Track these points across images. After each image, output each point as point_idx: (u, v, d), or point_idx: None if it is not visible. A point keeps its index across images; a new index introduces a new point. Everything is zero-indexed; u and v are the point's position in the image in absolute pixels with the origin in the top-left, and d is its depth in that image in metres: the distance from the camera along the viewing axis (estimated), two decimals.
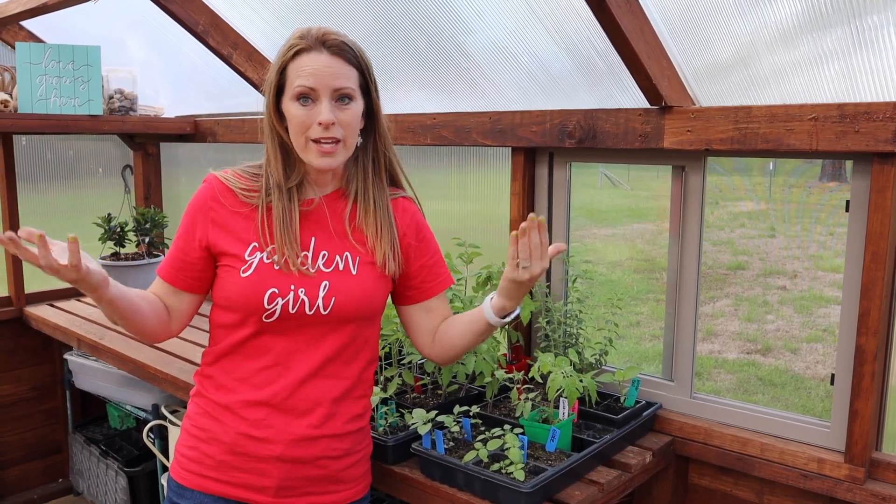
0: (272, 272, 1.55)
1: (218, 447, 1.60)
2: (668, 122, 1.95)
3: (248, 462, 1.59)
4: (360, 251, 1.62)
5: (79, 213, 3.88)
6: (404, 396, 2.18)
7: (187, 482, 1.62)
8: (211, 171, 1.65)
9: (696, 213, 2.07)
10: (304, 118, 1.51)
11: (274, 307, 1.54)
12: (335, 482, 1.64)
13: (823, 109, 1.70)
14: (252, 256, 1.56)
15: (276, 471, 1.58)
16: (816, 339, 6.41)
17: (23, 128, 3.04)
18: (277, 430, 1.58)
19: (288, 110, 1.54)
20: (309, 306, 1.55)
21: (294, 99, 1.52)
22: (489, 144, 2.35)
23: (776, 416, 1.98)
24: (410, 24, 2.39)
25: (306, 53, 1.51)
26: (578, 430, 1.97)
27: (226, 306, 1.59)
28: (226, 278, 1.58)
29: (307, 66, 1.50)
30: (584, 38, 2.06)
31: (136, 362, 2.75)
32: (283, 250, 1.55)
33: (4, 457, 3.54)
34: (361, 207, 1.64)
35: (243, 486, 1.59)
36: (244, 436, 1.58)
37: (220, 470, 1.60)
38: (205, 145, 3.70)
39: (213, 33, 2.78)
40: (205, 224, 1.59)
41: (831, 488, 1.82)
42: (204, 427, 1.62)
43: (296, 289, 1.55)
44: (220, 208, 1.59)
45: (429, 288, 1.72)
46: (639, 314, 7.09)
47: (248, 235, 1.58)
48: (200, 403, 1.65)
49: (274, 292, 1.54)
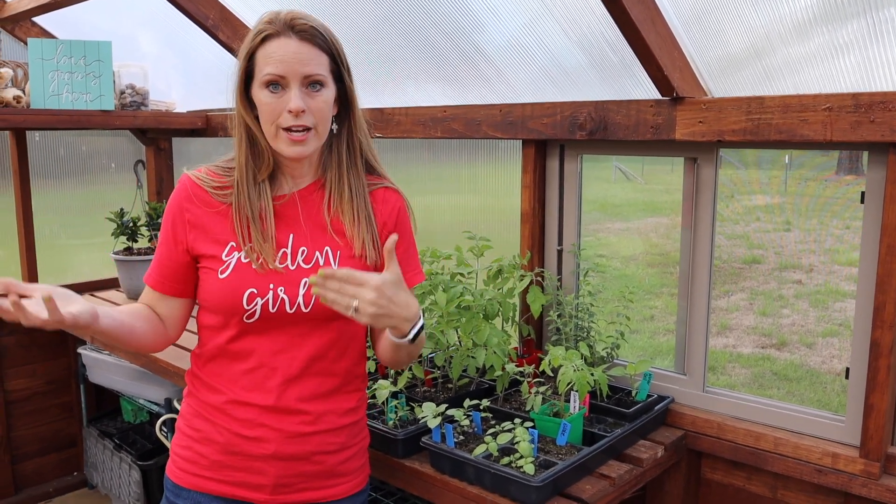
0: (250, 272, 1.51)
1: (212, 447, 1.58)
2: (679, 113, 1.93)
3: (243, 461, 1.57)
4: (340, 244, 1.57)
5: (91, 209, 3.90)
6: (414, 390, 2.18)
7: (183, 482, 1.61)
8: (185, 170, 1.60)
9: (708, 205, 2.05)
10: (274, 106, 1.46)
11: (253, 307, 1.50)
12: (332, 476, 1.62)
13: (838, 99, 1.68)
14: (229, 257, 1.53)
15: (271, 469, 1.56)
16: (832, 333, 6.36)
17: (35, 123, 3.05)
18: (270, 429, 1.55)
19: (258, 98, 1.48)
20: (289, 305, 1.51)
21: (263, 86, 1.46)
22: (500, 137, 2.34)
23: (790, 410, 1.96)
24: (421, 16, 2.38)
25: (275, 39, 1.45)
26: (589, 424, 1.95)
27: (208, 308, 1.57)
28: (206, 280, 1.55)
29: (275, 52, 1.44)
30: (596, 30, 2.04)
31: (149, 357, 2.76)
32: (259, 249, 1.51)
33: (20, 450, 3.57)
34: (336, 195, 1.58)
35: (239, 484, 1.58)
36: (237, 436, 1.56)
37: (215, 469, 1.58)
38: (216, 140, 3.70)
39: (223, 27, 2.78)
40: (183, 227, 1.55)
41: (846, 483, 1.80)
42: (197, 427, 1.60)
43: (275, 287, 1.51)
44: (195, 209, 1.55)
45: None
46: (653, 308, 7.06)
47: (224, 235, 1.54)
48: (192, 404, 1.63)
49: (252, 292, 1.50)
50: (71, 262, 3.96)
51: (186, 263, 1.57)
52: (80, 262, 3.99)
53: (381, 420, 1.95)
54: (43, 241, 3.60)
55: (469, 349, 2.08)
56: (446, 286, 2.13)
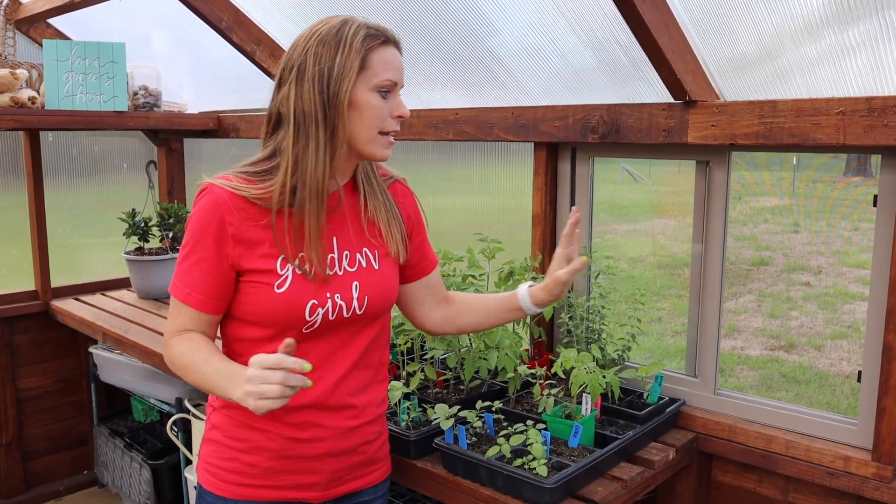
0: (307, 283, 1.49)
1: (263, 455, 1.56)
2: (692, 116, 1.93)
3: (297, 463, 1.57)
4: (376, 244, 1.60)
5: (104, 209, 3.92)
6: (426, 391, 2.18)
7: (231, 493, 1.58)
8: (206, 179, 1.50)
9: (720, 208, 2.05)
10: (383, 110, 1.46)
11: (315, 318, 1.50)
12: (371, 464, 1.68)
13: (851, 103, 1.68)
14: (285, 270, 1.48)
15: (325, 466, 1.59)
16: (841, 335, 6.34)
17: (50, 124, 3.08)
18: (324, 429, 1.57)
19: (363, 99, 1.45)
20: (346, 310, 1.53)
21: (375, 90, 1.45)
22: (511, 140, 2.35)
23: (801, 412, 1.96)
24: (434, 19, 2.38)
25: (386, 47, 1.47)
26: (601, 426, 1.96)
27: (255, 322, 1.51)
28: (257, 294, 1.48)
29: (391, 59, 1.47)
30: (608, 32, 2.05)
31: (160, 356, 2.77)
32: (314, 258, 1.49)
33: (32, 448, 3.59)
34: (373, 199, 1.61)
35: (292, 486, 1.59)
36: (291, 440, 1.56)
37: (265, 477, 1.57)
38: (228, 141, 3.72)
39: (237, 30, 2.79)
40: (225, 242, 1.46)
41: (858, 486, 1.80)
42: (243, 438, 1.57)
43: (332, 295, 1.51)
44: (238, 222, 1.46)
45: (426, 266, 1.74)
46: (661, 310, 7.05)
47: (272, 247, 1.48)
48: (233, 415, 1.58)
49: (314, 304, 1.49)
50: (83, 262, 3.99)
51: (232, 280, 1.49)
52: (91, 261, 4.01)
53: (394, 421, 1.96)
54: (55, 240, 3.63)
55: (481, 351, 2.08)
56: (458, 288, 2.14)
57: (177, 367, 1.51)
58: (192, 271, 1.47)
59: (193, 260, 1.47)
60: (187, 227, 1.50)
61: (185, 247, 1.49)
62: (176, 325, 1.51)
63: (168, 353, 1.52)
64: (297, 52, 1.46)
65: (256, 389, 1.28)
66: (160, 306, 3.46)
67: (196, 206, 1.49)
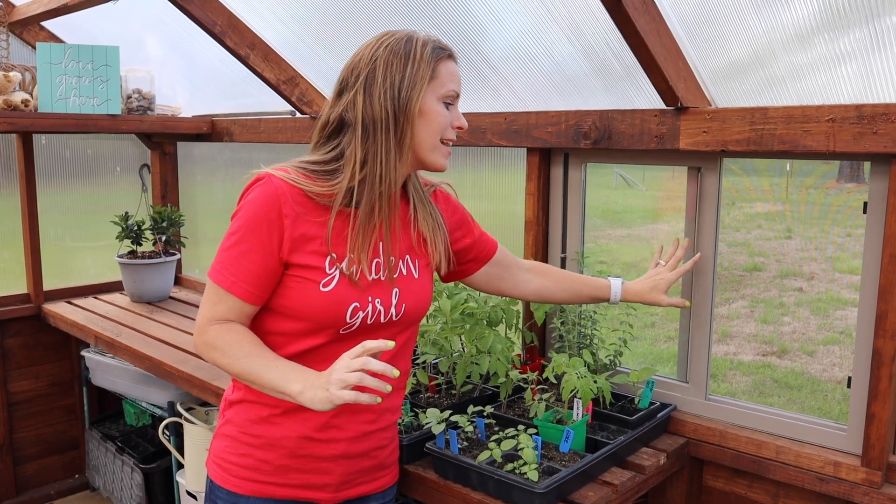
0: (351, 285, 1.50)
1: (277, 452, 1.57)
2: (683, 123, 1.94)
3: (311, 463, 1.59)
4: (419, 252, 1.65)
5: (97, 212, 3.92)
6: (418, 396, 2.19)
7: (242, 489, 1.59)
8: (264, 168, 1.51)
9: (711, 214, 2.06)
10: (447, 119, 1.53)
11: (355, 320, 1.52)
12: (382, 468, 1.71)
13: (841, 110, 1.69)
14: (333, 269, 1.49)
15: (338, 468, 1.61)
16: (833, 341, 6.36)
17: (43, 127, 3.07)
18: (340, 430, 1.58)
19: (432, 108, 1.51)
20: (384, 315, 1.56)
21: (441, 100, 1.52)
22: (504, 145, 2.36)
23: (792, 418, 1.97)
24: (427, 24, 2.39)
25: (449, 60, 1.54)
26: (592, 431, 1.96)
27: (294, 316, 1.51)
28: (301, 290, 1.49)
29: (455, 72, 1.55)
30: (601, 39, 2.05)
31: (152, 360, 2.77)
32: (363, 261, 1.51)
33: (23, 452, 3.58)
34: (420, 209, 1.65)
35: (304, 486, 1.60)
36: (307, 439, 1.57)
37: (278, 474, 1.58)
38: (221, 145, 3.72)
39: (231, 34, 2.79)
40: (281, 234, 1.46)
41: (848, 492, 1.81)
42: (258, 434, 1.58)
43: (373, 300, 1.53)
44: (292, 214, 1.46)
45: (489, 249, 1.86)
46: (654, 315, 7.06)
47: (322, 244, 1.49)
48: (252, 408, 1.59)
49: (356, 307, 1.51)
50: (75, 265, 3.98)
51: (279, 273, 1.49)
52: (84, 264, 4.00)
53: None
54: (48, 243, 3.62)
55: (473, 356, 2.09)
56: (450, 293, 2.14)
57: (217, 355, 1.46)
58: (241, 260, 1.46)
59: (244, 248, 1.46)
60: (239, 213, 1.48)
61: (234, 233, 1.47)
62: (216, 312, 1.48)
63: (206, 340, 1.48)
64: (364, 61, 1.50)
65: (341, 377, 1.32)
66: (153, 310, 3.45)
67: (251, 193, 1.48)
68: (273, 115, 3.24)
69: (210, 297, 1.49)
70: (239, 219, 1.47)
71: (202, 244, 4.02)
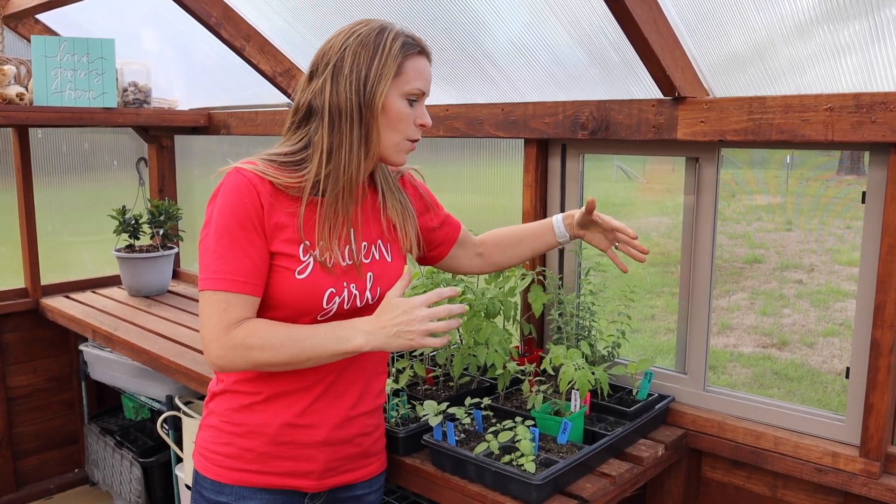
0: (325, 271, 1.52)
1: (259, 440, 1.58)
2: (681, 112, 1.93)
3: (293, 450, 1.59)
4: (389, 238, 1.67)
5: (94, 206, 3.91)
6: (416, 388, 2.18)
7: (225, 478, 1.59)
8: (232, 163, 1.52)
9: (709, 204, 2.05)
10: (409, 117, 1.53)
11: (331, 306, 1.53)
12: (367, 456, 1.71)
13: (839, 99, 1.68)
14: (306, 256, 1.51)
15: (321, 455, 1.61)
16: (833, 333, 6.36)
17: (38, 120, 3.06)
18: (321, 416, 1.59)
19: (394, 105, 1.50)
20: (360, 299, 1.58)
21: (404, 97, 1.51)
22: (502, 136, 2.34)
23: (790, 409, 1.96)
24: (425, 16, 2.38)
25: (419, 56, 1.53)
26: (590, 423, 1.96)
27: (272, 305, 1.52)
28: (278, 279, 1.50)
29: (423, 70, 1.53)
30: (598, 29, 2.04)
31: (150, 353, 2.77)
32: (334, 247, 1.53)
33: (22, 447, 3.58)
34: (388, 197, 1.67)
35: (287, 473, 1.60)
36: (288, 425, 1.58)
37: (261, 462, 1.59)
38: (218, 137, 3.71)
39: (227, 25, 2.78)
40: (261, 224, 1.47)
41: (846, 482, 1.81)
42: (240, 422, 1.59)
43: (348, 285, 1.55)
44: (268, 206, 1.48)
45: (452, 233, 1.87)
46: (654, 307, 7.05)
47: (295, 233, 1.51)
48: (233, 398, 1.60)
49: (332, 292, 1.53)
50: (73, 259, 3.97)
51: (268, 255, 1.50)
52: (82, 259, 4.00)
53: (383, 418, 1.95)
54: (45, 237, 3.62)
55: (470, 347, 2.08)
56: (448, 284, 2.13)
57: (257, 353, 1.43)
58: (240, 258, 1.45)
59: (240, 246, 1.45)
60: (217, 215, 1.46)
61: (220, 236, 1.45)
62: (231, 317, 1.44)
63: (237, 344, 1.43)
64: (335, 49, 1.50)
65: (426, 328, 1.42)
66: (151, 304, 3.45)
67: (224, 191, 1.47)
68: (270, 107, 3.23)
69: (215, 308, 1.45)
70: (221, 220, 1.45)
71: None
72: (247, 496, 1.59)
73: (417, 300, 1.43)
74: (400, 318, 1.42)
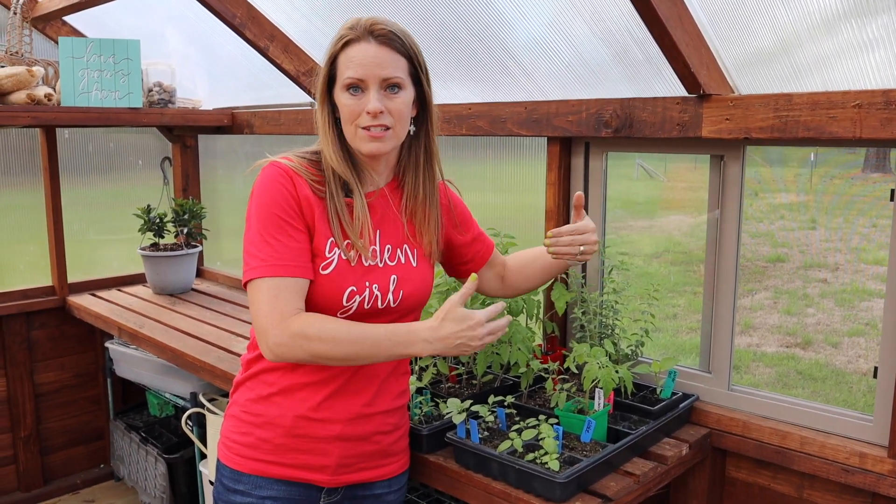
0: (349, 269, 1.55)
1: (275, 431, 1.61)
2: (706, 110, 1.92)
3: (308, 443, 1.61)
4: (415, 243, 1.68)
5: (119, 205, 3.95)
6: (439, 386, 2.19)
7: (243, 467, 1.63)
8: (269, 157, 1.58)
9: (734, 203, 2.04)
10: (353, 107, 1.53)
11: (351, 304, 1.55)
12: (386, 456, 1.72)
13: (868, 96, 1.66)
14: (332, 253, 1.55)
15: (335, 449, 1.62)
16: (858, 332, 6.28)
17: (65, 121, 3.10)
18: (336, 411, 1.61)
19: (339, 100, 1.56)
20: (381, 300, 1.59)
21: (344, 89, 1.54)
22: (524, 134, 2.34)
23: (816, 409, 1.94)
24: (448, 14, 2.38)
25: (356, 44, 1.53)
26: (614, 422, 1.95)
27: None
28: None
29: (356, 56, 1.52)
30: (622, 26, 2.03)
31: (175, 351, 2.79)
32: (359, 246, 1.56)
33: (49, 442, 3.63)
34: (412, 198, 1.67)
35: (302, 466, 1.62)
36: (303, 418, 1.60)
37: (277, 453, 1.61)
38: (242, 137, 3.74)
39: (251, 25, 2.80)
40: (300, 211, 1.53)
41: (874, 483, 1.79)
42: (258, 412, 1.62)
43: (370, 285, 1.57)
44: (302, 198, 1.54)
45: (485, 254, 1.88)
46: (676, 306, 7.01)
47: (324, 229, 1.55)
48: (253, 388, 1.64)
49: (353, 290, 1.55)
50: (99, 257, 4.02)
51: (309, 238, 1.55)
52: (107, 257, 4.04)
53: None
54: (72, 236, 3.66)
55: (493, 346, 2.08)
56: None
57: (316, 345, 1.44)
58: (284, 242, 1.49)
59: (284, 231, 1.50)
60: (257, 206, 1.51)
61: (264, 225, 1.49)
62: (282, 303, 1.46)
63: (295, 332, 1.45)
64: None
65: (484, 343, 1.46)
66: (175, 301, 3.48)
67: (262, 182, 1.53)
68: (293, 106, 3.25)
69: (265, 295, 1.47)
70: (263, 209, 1.50)
71: (224, 236, 4.05)
72: (263, 486, 1.62)
73: (482, 315, 1.46)
74: (465, 332, 1.44)
